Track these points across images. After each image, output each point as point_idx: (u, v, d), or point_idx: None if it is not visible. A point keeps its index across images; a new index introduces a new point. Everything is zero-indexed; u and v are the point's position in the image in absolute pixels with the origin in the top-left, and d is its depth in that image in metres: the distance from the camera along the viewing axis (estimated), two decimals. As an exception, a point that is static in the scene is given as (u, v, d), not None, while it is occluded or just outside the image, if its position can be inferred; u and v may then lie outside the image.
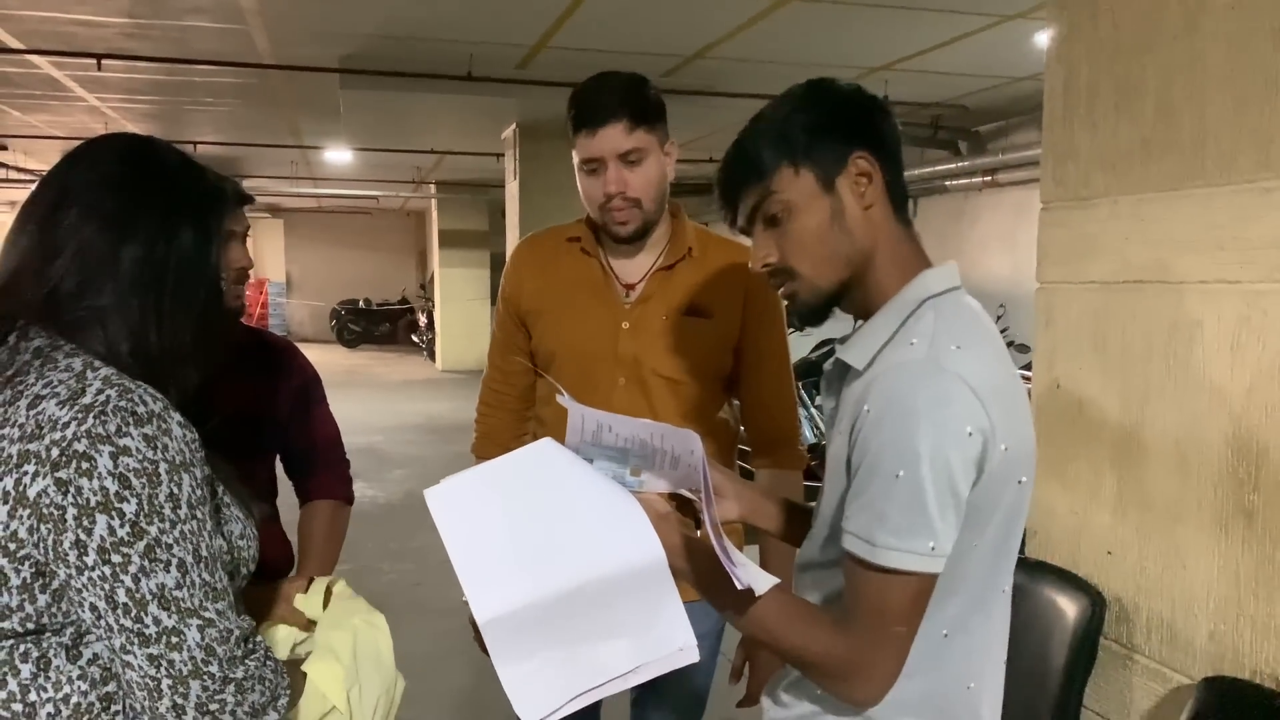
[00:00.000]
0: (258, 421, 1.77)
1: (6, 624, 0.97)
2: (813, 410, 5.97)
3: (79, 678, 1.00)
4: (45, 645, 1.00)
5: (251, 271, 1.73)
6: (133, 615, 0.96)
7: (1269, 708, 1.43)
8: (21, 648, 0.99)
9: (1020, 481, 1.12)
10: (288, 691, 1.08)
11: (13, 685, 0.99)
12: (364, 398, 11.27)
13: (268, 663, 1.05)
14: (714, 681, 1.96)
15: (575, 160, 1.73)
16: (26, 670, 0.99)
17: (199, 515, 1.01)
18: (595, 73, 1.75)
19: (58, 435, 0.96)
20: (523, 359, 1.89)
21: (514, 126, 8.11)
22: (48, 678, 1.00)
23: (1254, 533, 1.47)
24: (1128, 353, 1.68)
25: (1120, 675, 1.71)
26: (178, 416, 1.02)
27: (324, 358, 14.39)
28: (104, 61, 5.87)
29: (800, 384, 5.95)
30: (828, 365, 1.23)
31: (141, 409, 0.99)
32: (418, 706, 3.48)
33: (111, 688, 1.02)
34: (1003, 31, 5.28)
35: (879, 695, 1.08)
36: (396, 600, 4.40)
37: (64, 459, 0.95)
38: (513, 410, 1.93)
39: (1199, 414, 1.55)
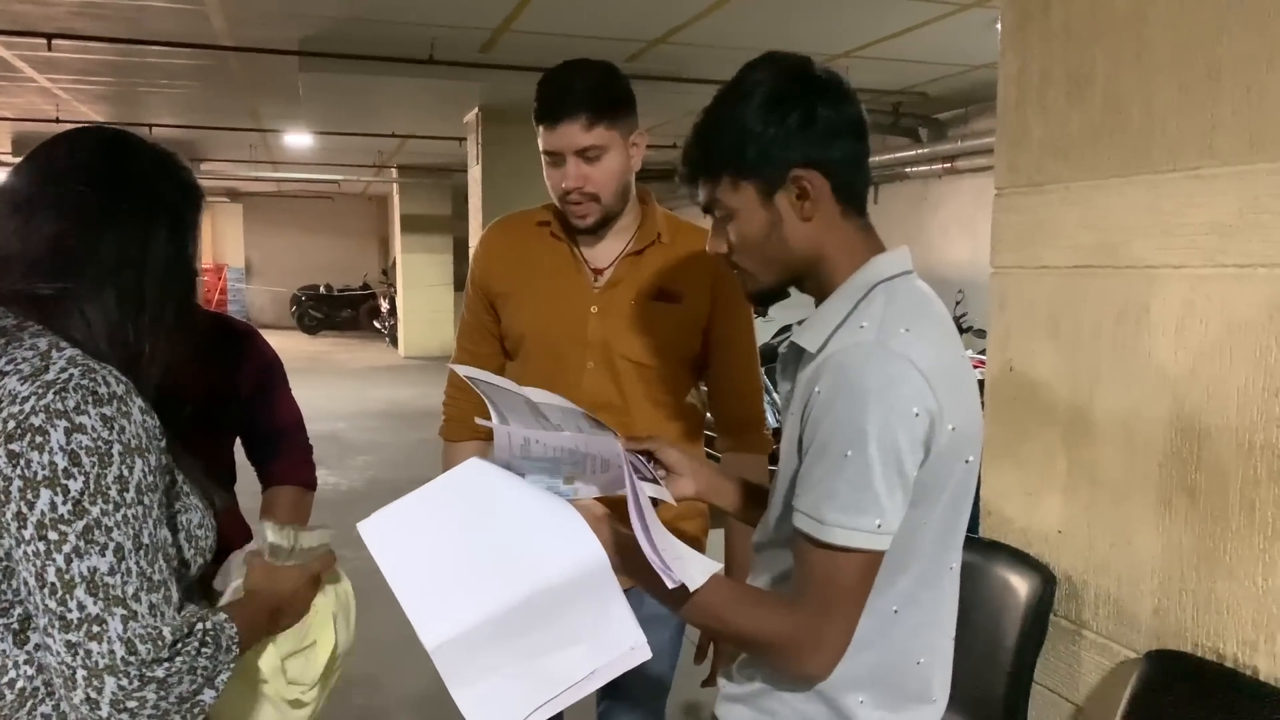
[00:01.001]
0: (217, 403, 1.77)
1: None
2: (775, 395, 6.02)
3: (25, 662, 1.00)
4: None
5: (209, 258, 1.74)
6: (58, 597, 0.94)
7: (1209, 679, 1.48)
8: None
9: (967, 461, 1.15)
10: (231, 666, 1.05)
11: None
12: (326, 384, 11.17)
13: (203, 651, 1.02)
14: (680, 662, 1.98)
15: (540, 146, 1.73)
16: None
17: (146, 502, 1.00)
18: (559, 56, 1.75)
19: (15, 409, 0.96)
20: (492, 342, 1.90)
21: (477, 110, 8.06)
22: None
23: (1196, 510, 1.51)
24: (1078, 336, 1.71)
25: (1069, 651, 1.76)
26: (140, 401, 1.02)
27: (285, 344, 14.22)
28: (55, 41, 5.74)
29: (764, 369, 6.00)
30: (783, 349, 1.26)
31: (103, 389, 0.99)
32: (382, 693, 3.49)
33: None
34: (962, 19, 5.33)
35: (828, 670, 1.11)
36: (359, 587, 4.37)
37: (18, 431, 0.95)
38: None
39: (1145, 395, 1.59)
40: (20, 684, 1.00)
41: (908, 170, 8.53)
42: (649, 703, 1.97)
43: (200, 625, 1.04)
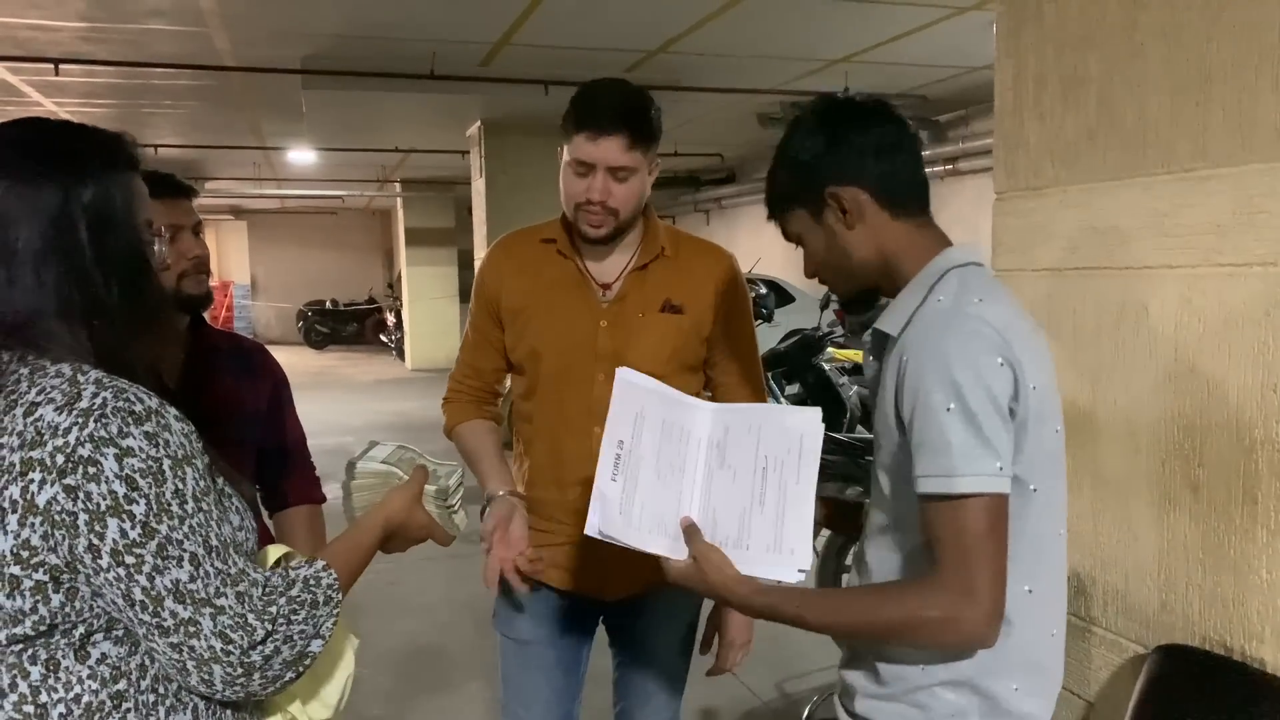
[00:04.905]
0: (237, 418, 1.81)
1: (19, 629, 0.99)
2: (783, 400, 6.03)
3: (89, 677, 1.02)
4: (53, 647, 1.01)
5: (215, 272, 1.75)
6: (150, 610, 0.99)
7: (1217, 672, 1.50)
8: (30, 650, 1.00)
9: (1056, 430, 1.24)
10: (335, 614, 1.10)
11: (23, 687, 1.00)
12: (334, 398, 11.21)
13: (294, 617, 1.06)
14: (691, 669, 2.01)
15: (565, 154, 1.75)
16: (36, 672, 1.00)
17: (205, 506, 1.02)
18: (559, 69, 1.80)
19: (60, 441, 0.97)
20: (497, 357, 1.92)
21: (479, 124, 8.10)
22: (57, 678, 1.01)
23: (1199, 506, 1.53)
24: (1080, 336, 1.74)
25: (1080, 647, 1.78)
26: (173, 411, 1.03)
27: (292, 359, 14.26)
28: (61, 66, 5.80)
29: (770, 374, 6.01)
30: (866, 337, 1.36)
31: (139, 407, 1.00)
32: (393, 704, 3.52)
33: (122, 685, 1.03)
34: (960, 23, 5.36)
35: (989, 624, 1.12)
36: (373, 599, 4.41)
37: (70, 465, 0.96)
38: (483, 401, 1.97)
39: (1147, 393, 1.61)
40: (86, 698, 1.01)
41: (909, 172, 8.56)
42: (665, 702, 2.00)
43: (289, 593, 1.07)
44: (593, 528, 1.32)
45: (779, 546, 1.27)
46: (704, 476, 1.35)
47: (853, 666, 1.34)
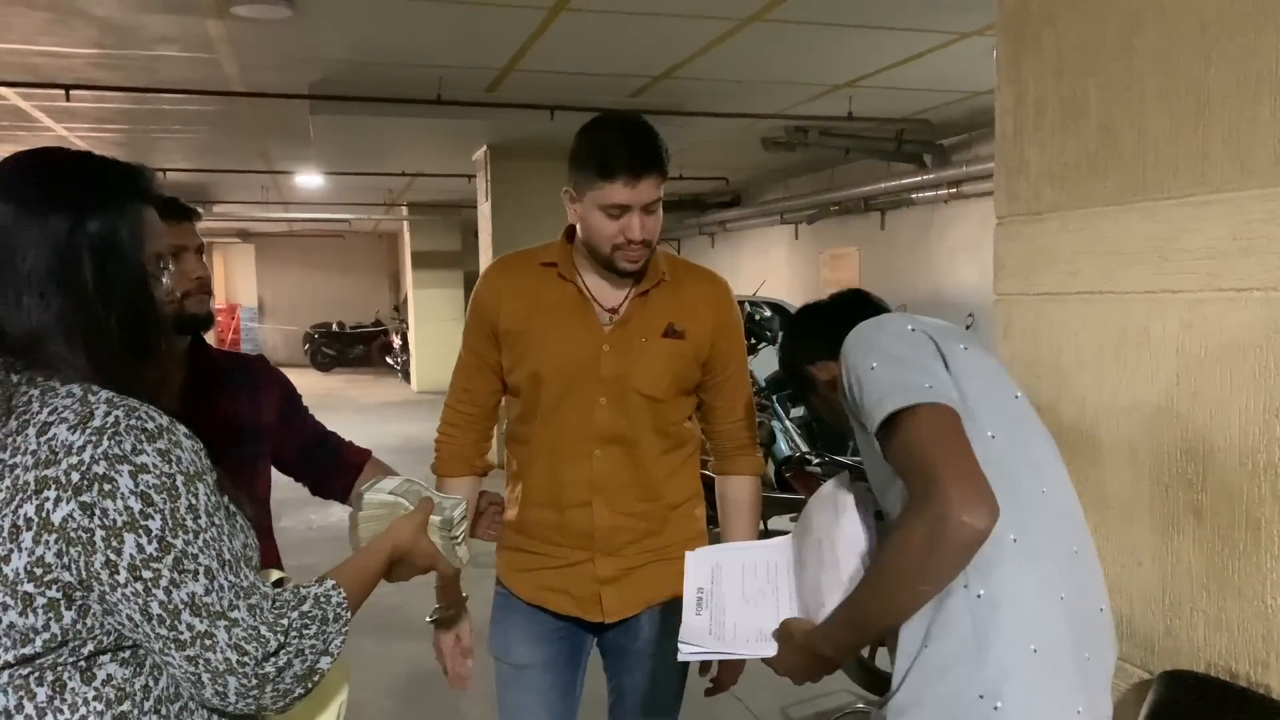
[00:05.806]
0: (245, 434, 1.82)
1: (28, 648, 0.99)
2: (787, 423, 6.01)
3: (94, 699, 1.02)
4: (60, 667, 1.01)
5: (222, 298, 1.77)
6: (167, 624, 1.00)
7: (1222, 699, 1.49)
8: (37, 672, 1.01)
9: (1017, 396, 1.36)
10: (344, 631, 1.12)
11: (29, 709, 1.01)
12: (340, 420, 11.05)
13: (306, 632, 1.08)
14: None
15: (588, 199, 1.75)
16: (42, 694, 1.01)
17: (216, 521, 1.04)
18: (565, 94, 1.83)
19: (74, 460, 0.98)
20: (493, 379, 1.92)
21: (485, 148, 8.16)
22: (63, 699, 1.01)
23: (1203, 531, 1.53)
24: (1081, 360, 1.74)
25: (1084, 673, 1.77)
26: (183, 428, 1.05)
27: (298, 381, 14.10)
28: (72, 91, 5.86)
29: (775, 397, 5.99)
30: None
31: (150, 424, 1.01)
32: (401, 728, 3.50)
33: (126, 707, 1.04)
34: (962, 48, 5.39)
35: (974, 507, 1.12)
36: (377, 622, 4.39)
37: (85, 483, 0.97)
38: (480, 430, 1.97)
39: (1149, 418, 1.61)
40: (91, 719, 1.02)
41: (913, 196, 8.57)
42: (664, 708, 1.99)
43: (300, 608, 1.09)
44: (684, 651, 1.44)
45: (844, 584, 1.34)
46: (795, 588, 1.50)
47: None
